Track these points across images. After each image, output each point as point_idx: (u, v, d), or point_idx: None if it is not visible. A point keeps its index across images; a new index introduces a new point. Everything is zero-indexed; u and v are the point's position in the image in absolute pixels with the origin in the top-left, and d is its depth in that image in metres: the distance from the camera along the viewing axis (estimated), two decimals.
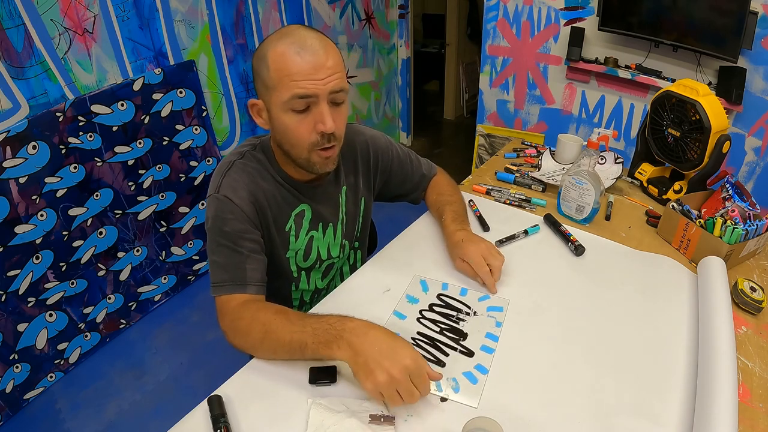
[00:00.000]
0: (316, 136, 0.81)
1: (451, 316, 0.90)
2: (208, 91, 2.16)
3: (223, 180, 0.86)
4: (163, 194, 2.04)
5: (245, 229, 0.85)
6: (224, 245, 0.84)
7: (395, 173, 1.10)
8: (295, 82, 0.76)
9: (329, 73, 0.77)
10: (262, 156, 0.92)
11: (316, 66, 0.76)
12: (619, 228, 1.17)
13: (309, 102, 0.78)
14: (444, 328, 0.87)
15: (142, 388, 1.79)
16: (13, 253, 1.59)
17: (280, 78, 0.77)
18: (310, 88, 0.76)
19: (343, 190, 1.01)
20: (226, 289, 0.82)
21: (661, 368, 0.79)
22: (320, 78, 0.77)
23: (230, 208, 0.84)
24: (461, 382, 0.77)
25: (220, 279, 0.83)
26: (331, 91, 0.78)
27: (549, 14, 2.30)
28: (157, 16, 1.88)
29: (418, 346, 0.83)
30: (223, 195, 0.85)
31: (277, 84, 0.78)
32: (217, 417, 0.69)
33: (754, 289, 0.92)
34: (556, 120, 2.52)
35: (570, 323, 0.88)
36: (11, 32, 1.51)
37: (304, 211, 0.95)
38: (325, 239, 1.00)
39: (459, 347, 0.83)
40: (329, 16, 2.71)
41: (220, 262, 0.84)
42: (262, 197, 0.89)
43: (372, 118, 3.33)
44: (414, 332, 0.86)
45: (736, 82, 1.82)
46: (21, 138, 1.53)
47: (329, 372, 0.75)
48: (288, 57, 0.76)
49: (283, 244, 0.95)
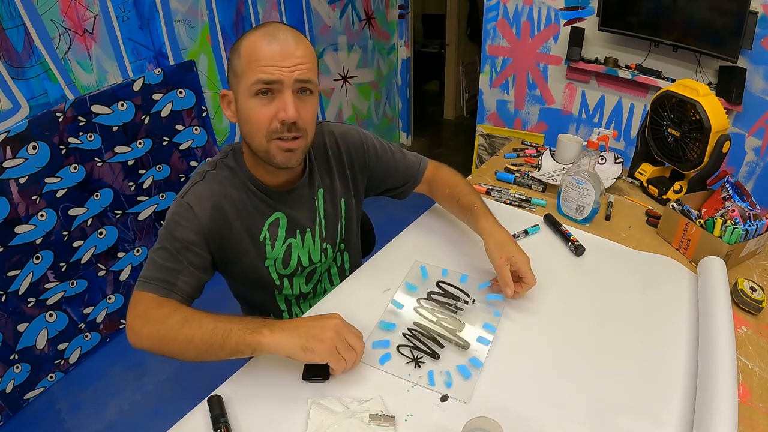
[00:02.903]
0: (276, 124, 0.80)
1: (449, 305, 0.90)
2: (208, 91, 2.16)
3: (192, 188, 0.86)
4: (164, 194, 2.04)
5: (194, 241, 0.83)
6: (167, 248, 0.82)
7: (374, 167, 1.05)
8: (261, 67, 0.76)
9: (297, 62, 0.78)
10: (233, 163, 0.90)
11: (283, 53, 0.77)
12: (619, 228, 1.17)
13: (273, 88, 0.78)
14: (441, 318, 0.87)
15: (142, 388, 1.79)
16: (14, 253, 1.59)
17: (249, 63, 0.77)
18: (275, 74, 0.76)
19: (319, 193, 0.98)
20: (152, 287, 0.80)
21: (661, 368, 0.79)
22: (286, 65, 0.77)
23: (188, 216, 0.83)
24: (454, 377, 0.77)
25: (151, 276, 0.81)
26: (296, 79, 0.78)
27: (549, 14, 2.30)
28: (157, 16, 1.88)
29: (414, 338, 0.83)
30: (186, 201, 0.84)
31: (245, 70, 0.78)
32: (217, 417, 0.69)
33: (754, 289, 0.92)
34: (556, 120, 2.52)
35: (570, 323, 0.88)
36: (11, 32, 1.51)
37: (279, 219, 0.93)
38: (305, 246, 0.97)
39: (455, 338, 0.83)
40: (329, 16, 2.71)
41: (158, 261, 0.82)
42: (231, 209, 0.87)
43: (372, 118, 3.34)
44: (410, 322, 0.87)
45: (736, 82, 1.83)
46: (21, 138, 1.53)
47: (322, 369, 0.76)
48: (258, 44, 0.77)
49: (260, 254, 0.93)
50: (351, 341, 0.74)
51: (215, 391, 0.74)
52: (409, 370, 0.79)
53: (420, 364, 0.79)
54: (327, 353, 0.71)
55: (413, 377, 0.77)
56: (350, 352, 0.74)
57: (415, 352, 0.81)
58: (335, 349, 0.72)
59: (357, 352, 0.75)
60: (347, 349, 0.74)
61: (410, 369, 0.79)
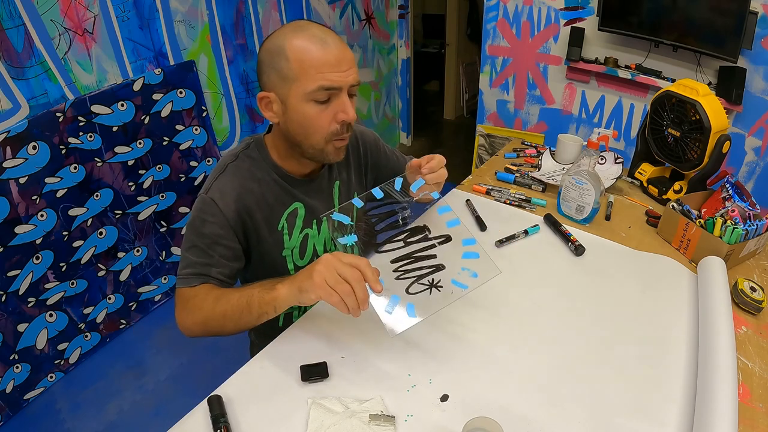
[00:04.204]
0: (336, 126, 0.84)
1: (395, 220, 0.91)
2: (208, 92, 2.16)
3: (215, 182, 0.88)
4: (164, 194, 2.04)
5: (222, 234, 0.86)
6: (197, 246, 0.85)
7: (383, 169, 1.11)
8: (321, 74, 0.79)
9: (349, 66, 0.82)
10: (256, 154, 0.93)
11: (339, 59, 0.80)
12: (619, 228, 1.17)
13: (331, 93, 0.81)
14: (406, 237, 0.88)
15: (142, 388, 1.79)
16: (13, 253, 1.59)
17: (305, 69, 0.79)
18: (336, 80, 0.80)
19: (336, 185, 1.02)
20: (188, 281, 0.84)
21: (661, 368, 0.79)
22: (343, 70, 0.80)
23: (213, 211, 0.85)
24: (472, 267, 0.78)
25: (187, 272, 0.85)
26: (351, 83, 0.82)
27: (549, 14, 2.30)
28: (157, 16, 1.88)
29: (409, 272, 0.83)
30: (210, 197, 0.86)
31: (299, 75, 0.79)
32: (217, 417, 0.69)
33: (754, 289, 0.92)
34: (556, 120, 2.52)
35: (570, 323, 0.88)
36: (11, 32, 1.51)
37: (297, 209, 0.96)
38: (321, 235, 1.01)
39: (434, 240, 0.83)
40: (329, 16, 2.71)
41: (190, 259, 0.86)
42: (252, 201, 0.90)
43: (372, 118, 3.33)
44: (391, 269, 0.86)
45: (736, 82, 1.83)
46: (21, 138, 1.53)
47: (320, 368, 0.76)
48: (311, 50, 0.79)
49: (277, 244, 0.95)
50: (343, 272, 0.69)
51: (215, 391, 0.74)
52: (435, 297, 0.78)
53: (439, 288, 0.78)
54: (317, 288, 0.69)
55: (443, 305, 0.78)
56: (342, 284, 0.69)
57: (425, 280, 0.78)
58: (325, 282, 0.69)
59: (351, 281, 0.69)
60: (338, 282, 0.69)
61: (436, 298, 0.78)
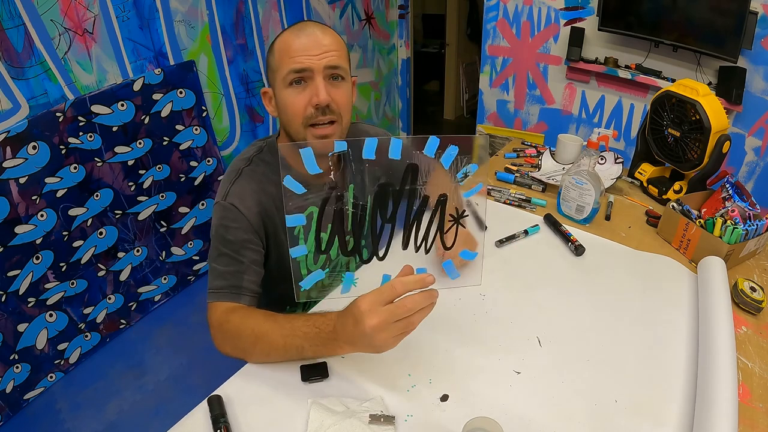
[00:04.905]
0: (310, 110, 0.83)
1: None
2: (208, 92, 2.16)
3: (231, 187, 0.88)
4: (163, 194, 2.04)
5: (248, 239, 0.86)
6: (225, 254, 0.85)
7: (397, 171, 1.11)
8: (292, 58, 0.82)
9: (325, 50, 0.82)
10: (270, 158, 0.93)
11: (312, 43, 0.82)
12: (619, 228, 1.17)
13: (305, 76, 0.82)
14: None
15: (142, 388, 1.79)
16: (13, 253, 1.59)
17: (281, 57, 0.83)
18: (305, 62, 0.81)
19: (350, 188, 1.01)
20: (221, 296, 0.83)
21: (661, 368, 0.79)
22: (315, 53, 0.81)
23: (235, 217, 0.85)
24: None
25: (218, 285, 0.84)
26: (326, 66, 0.82)
27: (549, 14, 2.30)
28: (157, 16, 1.88)
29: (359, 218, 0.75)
30: (230, 203, 0.86)
31: (279, 64, 0.83)
32: (217, 417, 0.69)
33: (754, 289, 0.92)
34: (556, 120, 2.52)
35: (570, 323, 0.88)
36: (11, 32, 1.51)
37: (313, 213, 0.96)
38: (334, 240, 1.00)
39: None
40: (329, 16, 2.71)
41: (219, 269, 0.84)
42: (270, 204, 0.90)
43: (372, 118, 3.33)
44: None
45: (736, 82, 1.83)
46: (21, 138, 1.53)
47: (320, 368, 0.76)
48: (288, 39, 0.83)
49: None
50: (397, 316, 0.65)
51: (215, 391, 0.74)
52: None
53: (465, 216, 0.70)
54: (389, 348, 0.67)
55: None
56: (403, 325, 0.65)
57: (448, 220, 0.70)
58: (391, 341, 0.66)
59: (408, 314, 0.65)
60: (400, 328, 0.65)
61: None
